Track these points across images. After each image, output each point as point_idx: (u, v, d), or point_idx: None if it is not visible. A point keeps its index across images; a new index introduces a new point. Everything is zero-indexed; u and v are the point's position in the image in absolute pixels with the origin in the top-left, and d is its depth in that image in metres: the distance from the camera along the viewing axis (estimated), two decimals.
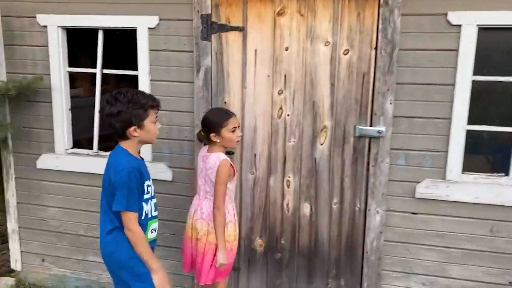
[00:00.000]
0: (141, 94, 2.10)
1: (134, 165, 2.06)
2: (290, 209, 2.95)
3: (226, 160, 2.47)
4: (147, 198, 2.16)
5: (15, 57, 3.19)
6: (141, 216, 2.13)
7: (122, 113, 2.02)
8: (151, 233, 2.21)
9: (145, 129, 2.09)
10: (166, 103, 2.98)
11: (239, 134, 2.55)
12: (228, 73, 2.85)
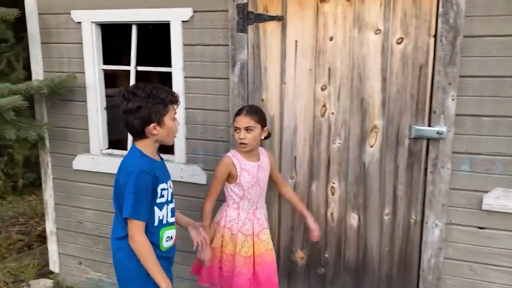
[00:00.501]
0: (160, 88, 1.92)
1: (145, 167, 1.87)
2: (335, 219, 2.64)
3: (226, 157, 2.34)
4: (161, 203, 1.97)
5: (52, 55, 3.12)
6: (154, 223, 1.95)
7: (141, 109, 1.84)
8: (167, 241, 2.02)
9: (165, 126, 1.92)
10: (200, 102, 2.78)
11: (241, 136, 2.31)
12: (266, 67, 2.59)
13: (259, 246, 2.38)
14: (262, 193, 2.42)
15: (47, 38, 3.10)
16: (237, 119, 2.31)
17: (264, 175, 2.42)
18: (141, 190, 1.83)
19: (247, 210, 2.39)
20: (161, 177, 1.95)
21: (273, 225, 2.75)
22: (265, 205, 2.50)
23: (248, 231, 2.38)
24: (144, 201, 1.85)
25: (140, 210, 1.85)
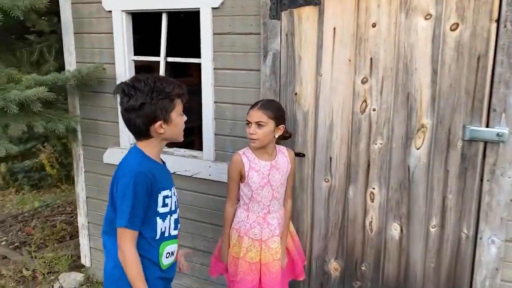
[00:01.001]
0: (165, 80, 1.68)
1: (145, 170, 1.64)
2: (374, 228, 2.35)
3: (236, 154, 2.17)
4: (163, 213, 1.73)
5: (84, 46, 3.05)
6: (155, 236, 1.71)
7: (145, 106, 1.61)
8: (167, 258, 1.77)
9: (173, 123, 1.69)
10: (230, 95, 2.59)
11: (250, 131, 2.09)
12: (300, 58, 2.35)
13: (266, 254, 2.17)
14: (275, 196, 2.19)
15: (80, 27, 3.03)
16: (250, 112, 2.11)
17: (279, 176, 2.18)
18: (139, 196, 1.61)
19: (256, 213, 2.19)
20: (163, 183, 1.73)
21: (305, 231, 2.51)
22: (282, 210, 2.26)
23: (256, 236, 2.17)
24: (140, 207, 1.62)
25: (136, 219, 1.62)
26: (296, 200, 2.49)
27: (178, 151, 2.87)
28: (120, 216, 1.62)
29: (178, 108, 1.71)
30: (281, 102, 2.41)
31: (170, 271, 1.82)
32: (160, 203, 1.70)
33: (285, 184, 2.22)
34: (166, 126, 1.68)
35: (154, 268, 1.71)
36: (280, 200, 2.23)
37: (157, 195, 1.69)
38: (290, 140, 2.43)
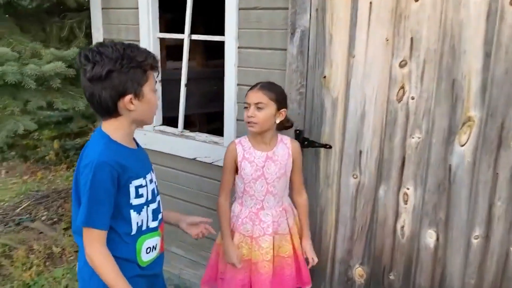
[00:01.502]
0: (136, 48, 1.41)
1: (109, 159, 1.38)
2: (406, 234, 2.06)
3: (232, 143, 2.02)
4: (139, 205, 1.49)
5: (111, 22, 2.93)
6: (131, 231, 1.49)
7: (113, 75, 1.35)
8: (147, 253, 1.54)
9: (145, 99, 1.43)
10: (254, 77, 2.35)
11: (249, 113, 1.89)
12: (331, 36, 2.08)
13: (256, 253, 1.98)
14: (270, 191, 1.96)
15: (107, 2, 2.91)
16: (249, 93, 1.91)
17: (275, 169, 1.95)
18: (100, 190, 1.37)
19: (249, 207, 2.00)
20: (135, 171, 1.46)
21: (328, 232, 2.26)
22: (280, 207, 2.02)
23: (247, 232, 1.99)
24: (105, 203, 1.39)
25: (98, 216, 1.38)
26: (319, 196, 2.25)
27: (200, 136, 2.70)
28: (80, 213, 1.39)
29: (151, 82, 1.46)
30: (308, 86, 2.17)
31: (154, 267, 1.61)
32: (133, 194, 1.46)
33: (283, 178, 1.99)
34: (137, 102, 1.42)
35: (130, 266, 1.49)
36: (277, 196, 1.99)
37: (128, 186, 1.44)
38: (315, 129, 2.18)
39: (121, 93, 1.39)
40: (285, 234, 2.02)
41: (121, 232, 1.47)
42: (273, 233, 1.99)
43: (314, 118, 2.20)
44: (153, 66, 1.45)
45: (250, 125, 1.90)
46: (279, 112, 1.91)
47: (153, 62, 1.44)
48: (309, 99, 2.19)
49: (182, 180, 2.81)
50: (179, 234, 2.91)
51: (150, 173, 1.58)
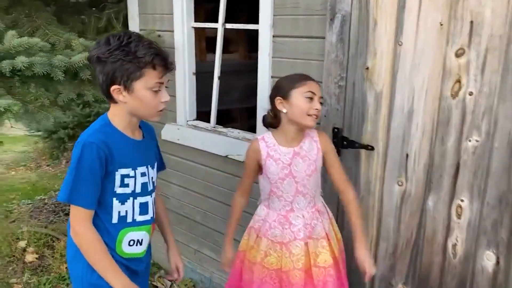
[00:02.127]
0: (144, 43, 1.37)
1: (97, 141, 1.37)
2: (459, 253, 1.75)
3: (255, 140, 1.83)
4: (122, 194, 1.46)
5: (147, 11, 2.82)
6: (111, 219, 1.46)
7: (103, 62, 1.36)
8: (130, 246, 1.50)
9: (135, 95, 1.38)
10: (289, 69, 2.13)
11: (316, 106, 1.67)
12: (376, 21, 1.80)
13: (286, 260, 1.77)
14: (300, 191, 1.75)
15: None
16: (310, 83, 1.69)
17: (304, 166, 1.74)
18: (85, 167, 1.36)
19: (278, 210, 1.80)
20: (124, 159, 1.44)
21: (368, 246, 1.99)
22: (311, 208, 1.80)
23: (276, 237, 1.79)
24: (90, 182, 1.37)
25: (82, 193, 1.37)
26: (359, 203, 1.98)
27: (232, 132, 2.52)
28: (62, 189, 1.38)
29: (148, 80, 1.37)
30: (348, 78, 1.91)
31: (137, 263, 1.55)
32: (118, 183, 1.44)
33: (314, 176, 1.76)
34: (127, 95, 1.39)
35: (110, 252, 1.44)
36: (308, 196, 1.77)
37: (114, 173, 1.42)
38: (356, 128, 1.92)
39: (110, 81, 1.38)
40: (320, 239, 1.79)
41: (102, 218, 1.46)
42: (306, 237, 1.77)
43: (355, 115, 1.94)
44: (154, 65, 1.37)
45: (312, 119, 1.68)
46: None
47: (155, 61, 1.36)
48: (349, 93, 1.93)
49: (214, 179, 2.65)
50: (211, 236, 2.77)
51: (147, 167, 1.53)
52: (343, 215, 1.96)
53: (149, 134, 1.61)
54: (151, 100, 1.40)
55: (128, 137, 1.47)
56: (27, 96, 2.54)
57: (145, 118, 1.49)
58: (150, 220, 1.55)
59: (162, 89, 1.42)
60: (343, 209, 1.90)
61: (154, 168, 1.60)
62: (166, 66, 1.40)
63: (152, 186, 1.56)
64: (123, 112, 1.44)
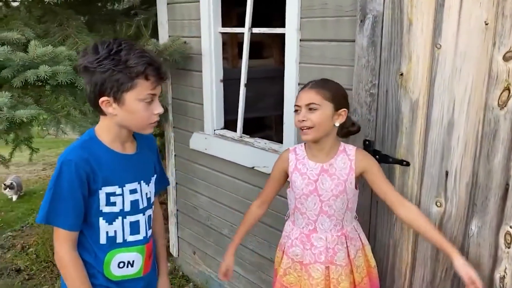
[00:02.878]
0: (138, 51, 1.26)
1: (76, 158, 1.28)
2: (508, 287, 1.51)
3: (286, 150, 1.72)
4: (109, 213, 1.36)
5: (175, 18, 2.75)
6: (98, 240, 1.37)
7: (95, 73, 1.25)
8: (120, 268, 1.40)
9: (126, 107, 1.28)
10: (319, 75, 1.95)
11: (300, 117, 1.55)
12: (410, 22, 1.61)
13: (305, 282, 1.64)
14: (325, 211, 1.60)
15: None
16: (299, 94, 1.58)
17: (331, 185, 1.58)
18: (63, 187, 1.28)
19: (300, 227, 1.67)
20: (109, 176, 1.34)
21: (403, 271, 1.79)
22: (337, 231, 1.63)
23: (296, 257, 1.67)
24: (68, 202, 1.29)
25: (60, 214, 1.29)
26: (392, 225, 1.79)
27: (259, 142, 2.38)
28: (40, 209, 1.31)
29: (139, 91, 1.27)
30: (380, 85, 1.72)
31: (132, 285, 1.44)
32: (103, 202, 1.34)
33: (341, 197, 1.59)
34: (117, 107, 1.29)
35: (94, 273, 1.38)
36: (334, 218, 1.61)
37: (98, 192, 1.33)
38: (389, 141, 1.73)
39: (98, 93, 1.28)
40: (344, 266, 1.62)
41: (90, 239, 1.37)
42: (327, 262, 1.61)
43: (388, 126, 1.74)
44: (147, 75, 1.26)
45: (304, 132, 1.56)
46: (337, 114, 1.54)
47: (147, 71, 1.25)
48: (381, 102, 1.74)
49: (241, 191, 2.52)
50: (238, 250, 2.63)
51: (139, 183, 1.42)
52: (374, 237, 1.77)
53: (147, 146, 1.49)
54: (143, 112, 1.30)
55: (115, 152, 1.37)
56: (55, 105, 2.54)
57: (137, 131, 1.38)
58: (142, 240, 1.44)
59: (155, 101, 1.32)
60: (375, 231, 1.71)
61: (150, 183, 1.48)
62: (159, 76, 1.29)
63: (146, 204, 1.45)
64: (111, 124, 1.34)
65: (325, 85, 1.56)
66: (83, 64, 1.27)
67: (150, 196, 1.48)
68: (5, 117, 2.14)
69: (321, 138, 1.56)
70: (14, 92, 2.38)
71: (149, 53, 1.30)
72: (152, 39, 2.37)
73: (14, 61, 2.15)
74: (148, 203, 1.46)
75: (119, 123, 1.33)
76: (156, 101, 1.32)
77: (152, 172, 1.51)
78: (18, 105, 2.31)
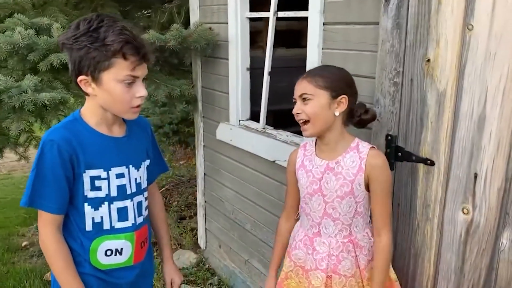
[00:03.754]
0: (118, 28, 1.17)
1: (58, 138, 1.22)
2: None
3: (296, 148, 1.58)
4: (94, 198, 1.29)
5: (206, 3, 2.67)
6: (84, 227, 1.30)
7: (72, 50, 1.19)
8: (107, 256, 1.33)
9: (104, 87, 1.20)
10: (340, 61, 1.80)
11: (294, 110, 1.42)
12: (440, 1, 1.40)
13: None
14: (329, 213, 1.44)
15: None
16: (295, 87, 1.41)
17: (336, 185, 1.42)
18: (45, 167, 1.22)
19: (306, 229, 1.52)
20: (93, 159, 1.27)
21: (424, 284, 1.58)
22: (343, 237, 1.46)
23: (299, 261, 1.53)
24: (51, 183, 1.23)
25: (43, 196, 1.24)
26: (414, 231, 1.58)
27: (281, 135, 2.24)
28: (24, 193, 1.25)
29: (119, 72, 1.18)
30: (405, 73, 1.52)
31: (120, 276, 1.37)
32: (87, 186, 1.27)
33: (347, 199, 1.41)
34: (96, 87, 1.21)
35: (80, 261, 1.32)
36: (339, 222, 1.44)
37: (81, 175, 1.26)
38: (413, 136, 1.53)
39: (77, 70, 1.21)
40: (349, 277, 1.45)
41: (76, 225, 1.31)
42: (330, 270, 1.45)
43: (412, 120, 1.54)
44: (125, 54, 1.17)
45: (302, 128, 1.43)
46: (336, 101, 1.38)
47: (126, 50, 1.16)
48: (405, 92, 1.54)
49: (263, 185, 2.40)
50: (260, 247, 2.52)
51: (127, 167, 1.34)
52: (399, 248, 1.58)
53: (139, 129, 1.41)
54: (123, 94, 1.21)
55: (101, 134, 1.30)
56: None
57: (119, 114, 1.29)
58: (131, 227, 1.36)
59: (137, 83, 1.22)
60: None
61: (141, 168, 1.39)
62: (139, 56, 1.18)
63: (135, 189, 1.37)
64: (95, 106, 1.27)
65: (320, 72, 1.41)
66: (62, 40, 1.21)
67: (140, 182, 1.40)
68: (29, 99, 2.18)
69: (323, 132, 1.41)
70: (43, 76, 2.43)
71: (131, 30, 1.20)
72: (174, 24, 2.29)
73: (39, 44, 2.18)
74: (138, 189, 1.39)
75: (100, 105, 1.26)
76: (139, 83, 1.23)
77: (144, 157, 1.42)
78: (45, 88, 2.35)
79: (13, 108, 2.23)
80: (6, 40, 2.11)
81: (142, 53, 1.19)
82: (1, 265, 3.23)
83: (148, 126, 1.48)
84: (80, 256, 1.32)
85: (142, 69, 1.22)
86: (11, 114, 2.29)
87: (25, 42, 2.12)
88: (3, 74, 2.27)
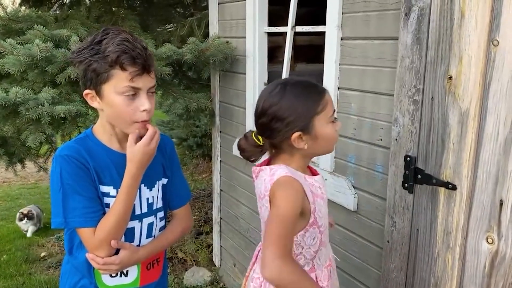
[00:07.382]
0: (119, 39, 1.12)
1: (72, 152, 1.19)
2: None
3: (287, 177, 1.15)
4: (102, 216, 1.23)
5: (225, 18, 2.65)
6: None
7: (77, 63, 1.17)
8: (112, 277, 1.28)
9: (106, 100, 1.16)
10: (358, 78, 1.74)
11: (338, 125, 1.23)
12: (462, 15, 1.31)
13: None
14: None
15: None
16: (330, 99, 1.25)
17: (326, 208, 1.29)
18: (69, 179, 1.17)
19: (325, 265, 1.33)
20: (104, 176, 1.23)
21: None
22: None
23: None
24: (80, 194, 1.18)
25: (76, 210, 1.18)
26: (434, 260, 1.48)
27: None
28: (55, 213, 1.19)
29: (117, 83, 1.13)
30: (425, 91, 1.44)
31: None
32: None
33: None
34: (101, 101, 1.18)
35: (88, 286, 1.29)
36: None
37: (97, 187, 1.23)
38: (433, 158, 1.44)
39: (83, 85, 1.20)
40: None
41: (82, 244, 1.25)
42: None
43: (433, 141, 1.45)
44: (122, 65, 1.11)
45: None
46: None
47: (122, 60, 1.11)
48: (426, 111, 1.45)
49: None
50: None
51: (139, 186, 1.25)
52: None
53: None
54: (123, 107, 1.15)
55: (112, 151, 1.25)
56: None
57: (123, 129, 1.22)
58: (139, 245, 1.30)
59: (141, 95, 1.16)
60: None
61: (155, 187, 1.32)
62: (138, 66, 1.12)
63: (145, 209, 1.30)
64: (104, 121, 1.23)
65: None
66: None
67: (153, 202, 1.32)
68: (45, 112, 2.19)
69: None
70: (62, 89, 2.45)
71: (132, 42, 1.14)
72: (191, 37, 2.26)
73: (57, 57, 2.19)
74: (149, 209, 1.31)
75: (108, 120, 1.22)
76: (143, 96, 1.16)
77: (159, 176, 1.34)
78: (63, 101, 2.36)
79: (30, 120, 2.25)
80: (25, 53, 2.12)
81: (141, 63, 1.12)
82: (18, 276, 3.24)
83: (167, 145, 1.39)
84: (85, 279, 1.28)
85: (144, 81, 1.15)
86: (29, 126, 2.31)
87: (43, 55, 2.14)
88: (24, 86, 2.30)
